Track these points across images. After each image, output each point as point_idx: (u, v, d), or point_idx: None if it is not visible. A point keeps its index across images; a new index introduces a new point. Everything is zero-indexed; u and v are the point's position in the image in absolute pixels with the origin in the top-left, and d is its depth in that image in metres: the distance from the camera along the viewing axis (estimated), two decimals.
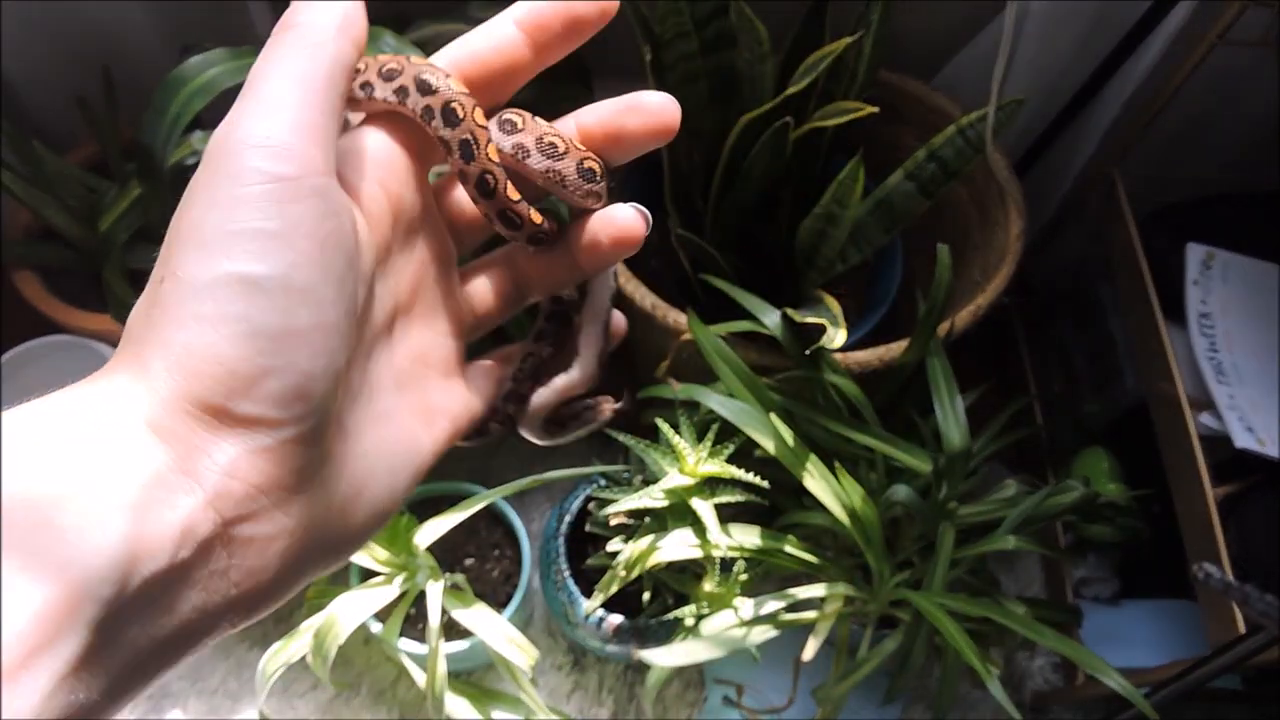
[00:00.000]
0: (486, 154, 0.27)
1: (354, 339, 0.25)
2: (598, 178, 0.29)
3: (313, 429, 0.23)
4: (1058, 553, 0.99)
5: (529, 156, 0.28)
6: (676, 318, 0.88)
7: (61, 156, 1.06)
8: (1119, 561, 1.11)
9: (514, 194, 0.28)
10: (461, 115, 0.27)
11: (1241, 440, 0.88)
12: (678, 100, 0.29)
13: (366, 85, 0.27)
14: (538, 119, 0.29)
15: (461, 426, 0.31)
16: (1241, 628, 0.79)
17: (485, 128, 0.27)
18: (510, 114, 0.29)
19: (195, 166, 0.24)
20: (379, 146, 0.28)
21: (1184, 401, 0.90)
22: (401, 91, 0.27)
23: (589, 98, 0.30)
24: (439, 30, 0.94)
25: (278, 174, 0.23)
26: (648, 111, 0.29)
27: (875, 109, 0.84)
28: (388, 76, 0.27)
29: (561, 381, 0.32)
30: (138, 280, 1.04)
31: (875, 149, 1.05)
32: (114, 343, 1.07)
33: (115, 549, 0.20)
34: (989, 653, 0.86)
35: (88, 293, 1.07)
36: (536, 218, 0.28)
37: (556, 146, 0.28)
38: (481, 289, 0.32)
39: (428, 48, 0.89)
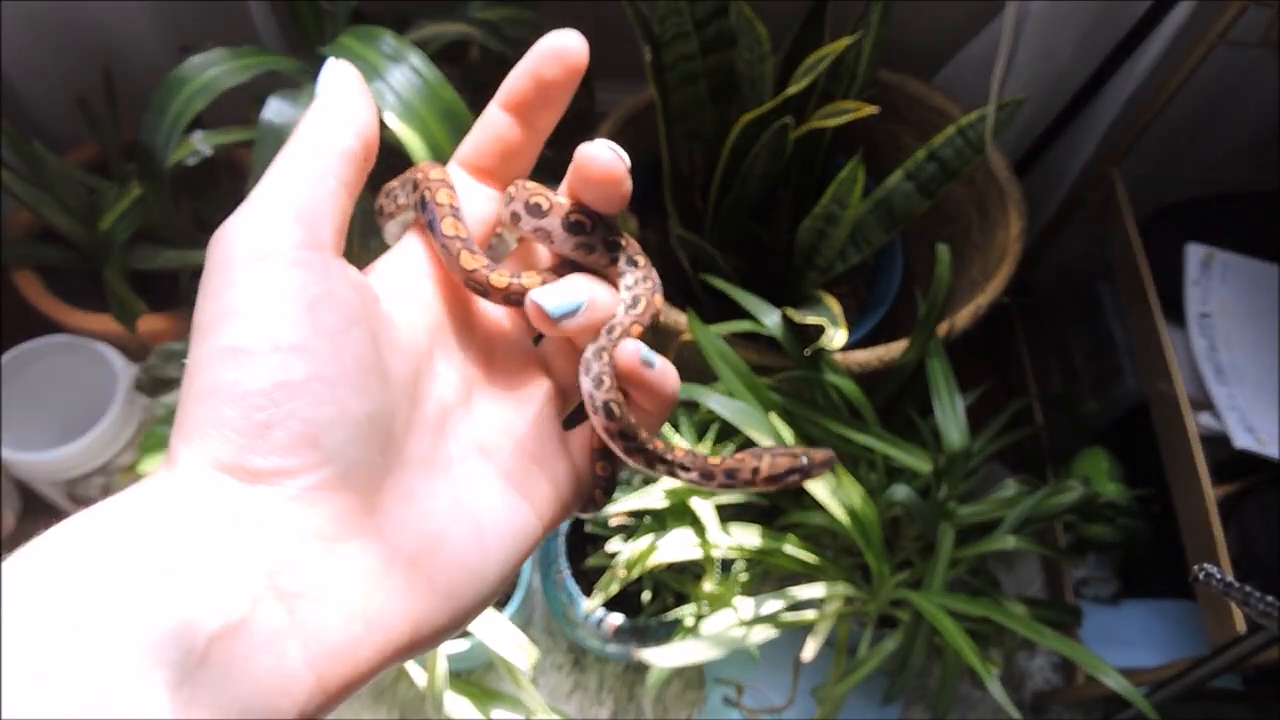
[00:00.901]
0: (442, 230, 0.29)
1: (379, 391, 0.26)
2: (586, 229, 0.30)
3: (339, 475, 0.24)
4: (1058, 553, 0.99)
5: (520, 220, 0.30)
6: (676, 318, 0.88)
7: (61, 156, 1.06)
8: (1119, 561, 1.11)
9: (469, 264, 0.29)
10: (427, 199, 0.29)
11: (1241, 440, 0.88)
12: (678, 100, 0.29)
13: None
14: (528, 183, 0.30)
15: (566, 495, 0.31)
16: (1241, 628, 0.79)
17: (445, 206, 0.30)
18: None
19: (195, 166, 0.26)
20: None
21: (1184, 401, 0.90)
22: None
23: (589, 97, 0.30)
24: (439, 30, 0.94)
25: (257, 254, 0.25)
26: (556, 54, 0.31)
27: (875, 109, 0.84)
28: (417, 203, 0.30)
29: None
30: (138, 280, 1.05)
31: (875, 149, 1.05)
32: (114, 343, 1.07)
33: (170, 613, 0.21)
34: (989, 653, 0.86)
35: (88, 293, 1.07)
36: (499, 282, 0.29)
37: (540, 206, 0.29)
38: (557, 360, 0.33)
39: (428, 48, 0.89)
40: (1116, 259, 1.05)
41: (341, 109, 0.28)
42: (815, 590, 0.83)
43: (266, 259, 0.25)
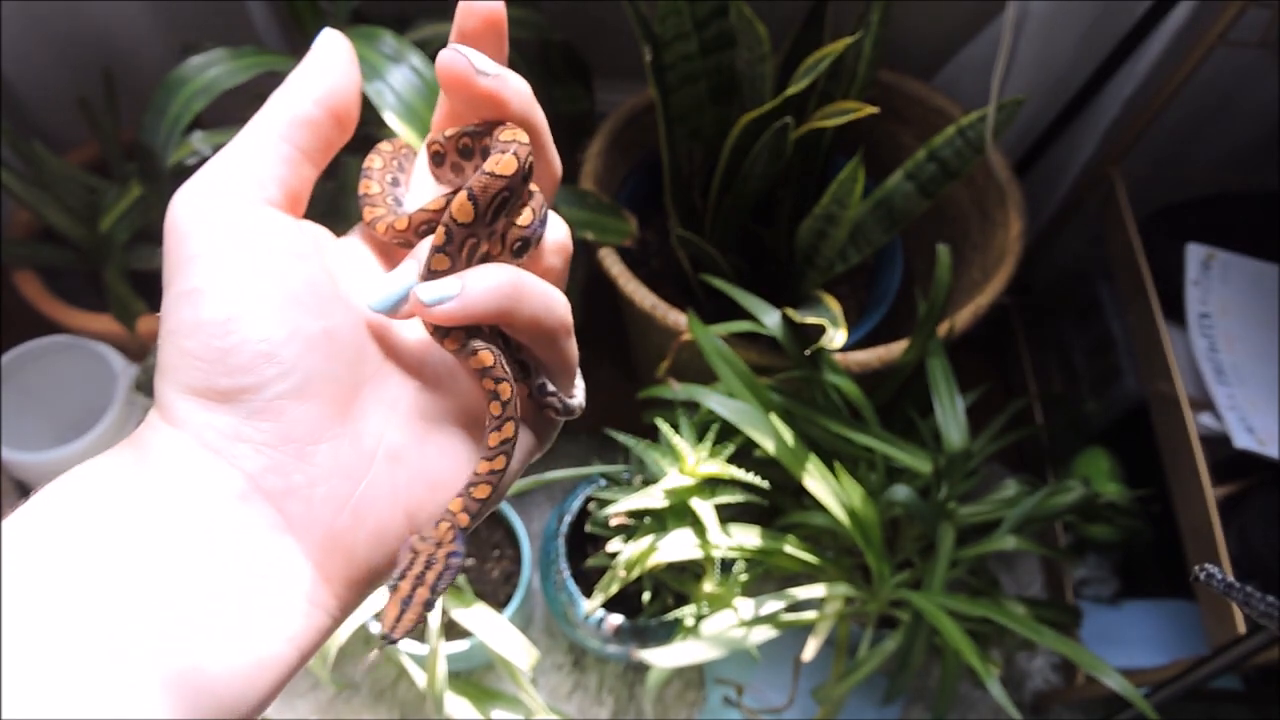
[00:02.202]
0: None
1: (336, 310, 0.28)
2: (442, 159, 0.31)
3: (300, 386, 0.27)
4: (1058, 553, 0.99)
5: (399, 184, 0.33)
6: (676, 318, 0.88)
7: (61, 156, 1.06)
8: (1119, 561, 1.11)
9: (366, 216, 0.31)
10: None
11: (1241, 440, 0.88)
12: (678, 100, 0.29)
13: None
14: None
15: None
16: (1241, 628, 0.79)
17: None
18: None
19: (195, 166, 0.28)
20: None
21: (1184, 401, 0.90)
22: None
23: (589, 97, 0.30)
24: (439, 30, 0.94)
25: (208, 208, 0.27)
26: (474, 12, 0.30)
27: (875, 109, 0.84)
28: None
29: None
30: (138, 280, 1.05)
31: (875, 149, 1.05)
32: (114, 343, 1.07)
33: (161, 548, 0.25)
34: (989, 653, 0.86)
35: (88, 293, 1.07)
36: (399, 224, 0.30)
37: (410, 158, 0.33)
38: None
39: (427, 48, 0.89)
40: (1116, 259, 1.05)
41: (309, 77, 0.29)
42: (815, 590, 0.83)
43: (216, 211, 0.27)
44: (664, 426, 0.82)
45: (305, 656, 0.26)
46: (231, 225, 0.27)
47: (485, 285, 0.27)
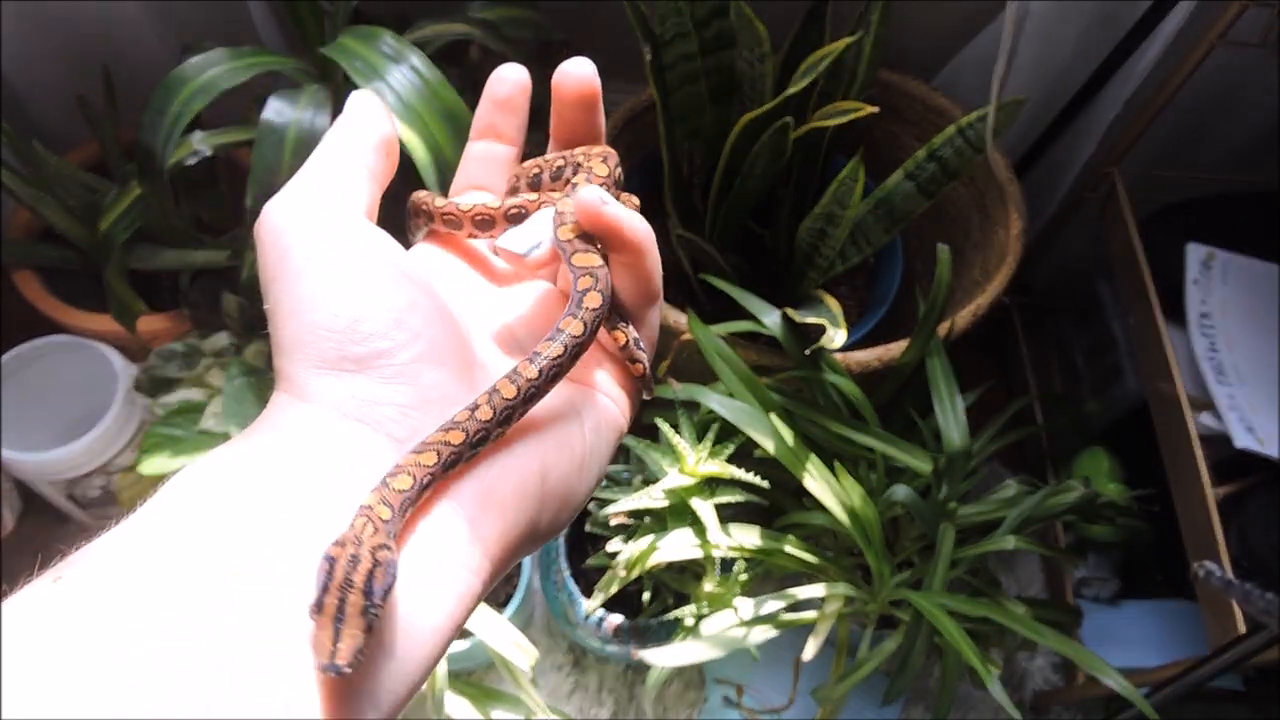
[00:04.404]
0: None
1: (441, 300, 0.30)
2: (525, 217, 0.35)
3: (430, 350, 0.28)
4: (1058, 553, 0.99)
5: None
6: (676, 318, 0.88)
7: (61, 156, 1.06)
8: (1119, 561, 1.11)
9: (439, 202, 0.36)
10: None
11: (1242, 440, 0.88)
12: (678, 100, 0.32)
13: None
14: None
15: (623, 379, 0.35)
16: (1241, 628, 0.79)
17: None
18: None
19: (195, 166, 0.29)
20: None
21: (1184, 401, 0.90)
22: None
23: None
24: (439, 30, 0.94)
25: (300, 211, 0.29)
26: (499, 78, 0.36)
27: (875, 109, 0.84)
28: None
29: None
30: (138, 280, 1.05)
31: (875, 149, 1.05)
32: (114, 343, 1.07)
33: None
34: (989, 653, 0.86)
35: (88, 293, 1.07)
36: (464, 206, 0.35)
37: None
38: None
39: (427, 48, 0.89)
40: (1116, 259, 1.05)
41: (365, 116, 0.33)
42: (815, 590, 0.83)
43: (315, 211, 0.29)
44: (664, 426, 0.82)
45: (457, 628, 0.26)
46: (334, 222, 0.29)
47: (639, 218, 0.32)
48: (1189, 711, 1.02)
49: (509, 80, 0.35)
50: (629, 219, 0.31)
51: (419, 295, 0.29)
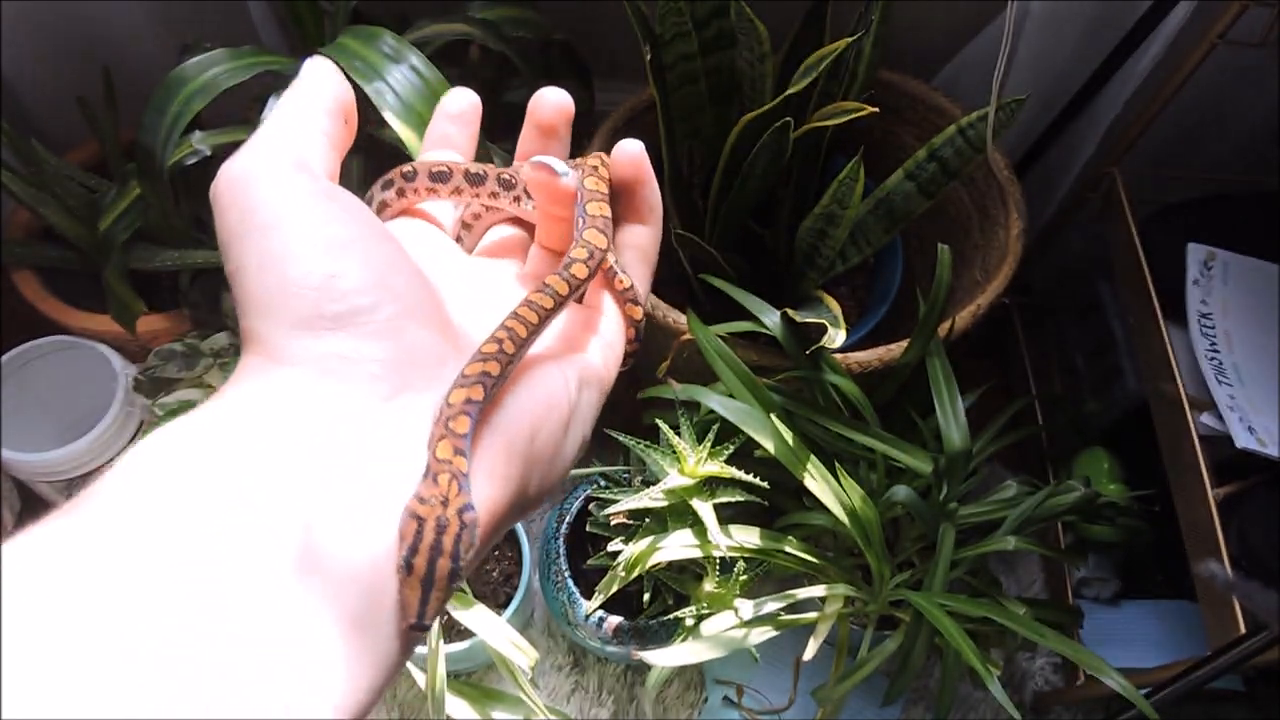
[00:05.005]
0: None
1: (415, 262, 0.29)
2: (515, 184, 0.36)
3: (412, 309, 0.27)
4: (1058, 553, 0.99)
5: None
6: (676, 318, 0.88)
7: (61, 156, 1.06)
8: (1119, 561, 1.11)
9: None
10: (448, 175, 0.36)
11: (1242, 440, 0.88)
12: (678, 100, 0.32)
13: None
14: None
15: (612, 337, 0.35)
16: (1242, 628, 0.78)
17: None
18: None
19: (195, 166, 0.28)
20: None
21: (1184, 401, 0.90)
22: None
23: (589, 97, 0.32)
24: (439, 30, 0.94)
25: (270, 180, 0.28)
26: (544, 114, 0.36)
27: (875, 109, 0.84)
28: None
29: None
30: (137, 280, 1.05)
31: (875, 149, 1.05)
32: (114, 343, 1.07)
33: (288, 502, 0.23)
34: (989, 653, 0.86)
35: (88, 293, 1.07)
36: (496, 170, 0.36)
37: (480, 175, 0.36)
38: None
39: (427, 48, 0.89)
40: (1117, 259, 1.05)
41: (321, 80, 0.32)
42: (815, 591, 0.83)
43: (279, 168, 0.28)
44: (664, 427, 0.82)
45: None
46: (301, 178, 0.28)
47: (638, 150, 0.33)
48: (1189, 712, 1.02)
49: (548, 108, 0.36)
50: (651, 173, 0.34)
51: (397, 254, 0.28)
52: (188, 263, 1.01)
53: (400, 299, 0.27)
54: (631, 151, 0.34)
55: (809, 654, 0.82)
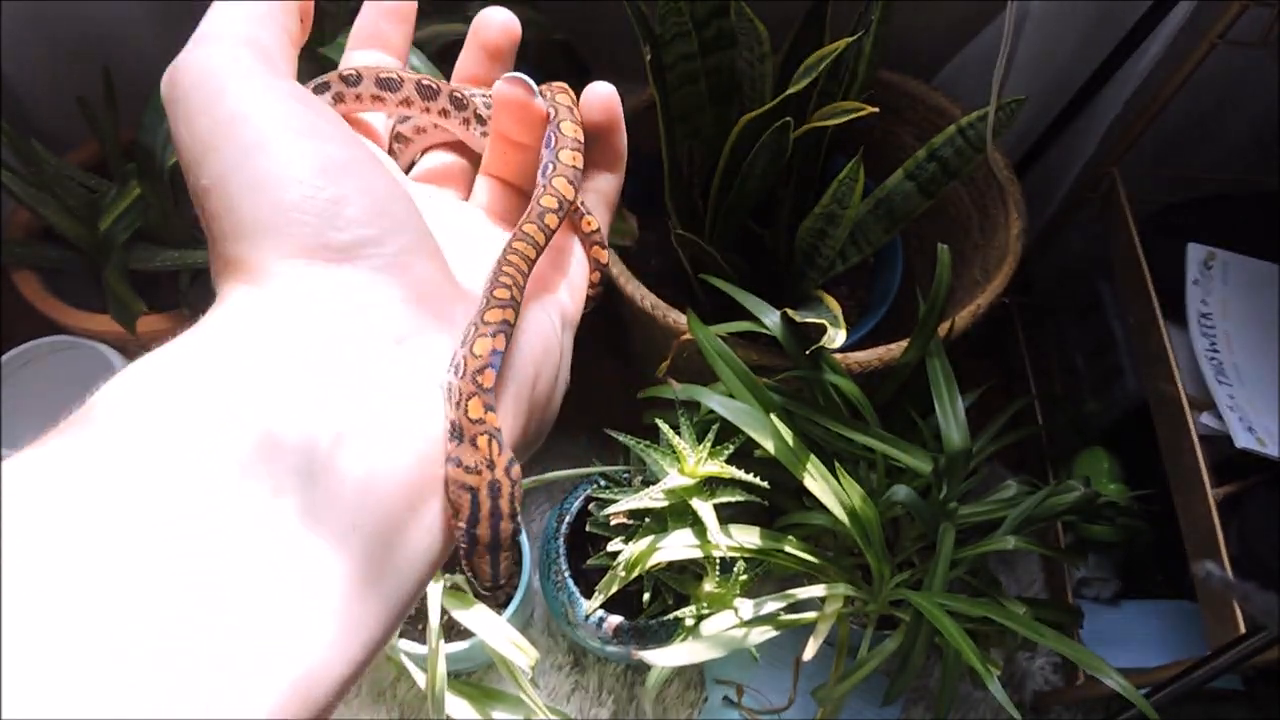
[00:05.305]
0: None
1: (403, 180, 0.28)
2: (467, 104, 0.33)
3: (418, 241, 0.25)
4: (1058, 553, 0.99)
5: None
6: (676, 318, 0.88)
7: (61, 156, 1.06)
8: (1119, 561, 1.11)
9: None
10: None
11: (1242, 440, 0.88)
12: (678, 100, 0.32)
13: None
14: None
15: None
16: (1242, 628, 0.78)
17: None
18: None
19: None
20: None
21: (1184, 401, 0.90)
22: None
23: None
24: (439, 30, 0.94)
25: (232, 73, 0.25)
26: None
27: (875, 109, 0.84)
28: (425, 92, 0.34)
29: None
30: (138, 280, 1.04)
31: (875, 149, 1.05)
32: (114, 343, 1.07)
33: (268, 423, 0.21)
34: (989, 653, 0.86)
35: (88, 293, 1.07)
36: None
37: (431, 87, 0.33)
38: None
39: (427, 48, 0.89)
40: (1117, 259, 1.05)
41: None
42: (815, 591, 0.83)
43: (256, 83, 0.25)
44: (664, 427, 0.82)
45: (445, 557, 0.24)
46: (283, 84, 0.25)
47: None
48: (1189, 712, 1.02)
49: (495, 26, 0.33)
50: (622, 119, 0.32)
51: (391, 179, 0.25)
52: (188, 263, 1.01)
53: (405, 230, 0.24)
54: (604, 94, 0.32)
55: (809, 654, 0.82)
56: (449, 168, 0.35)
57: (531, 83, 0.30)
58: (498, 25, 0.32)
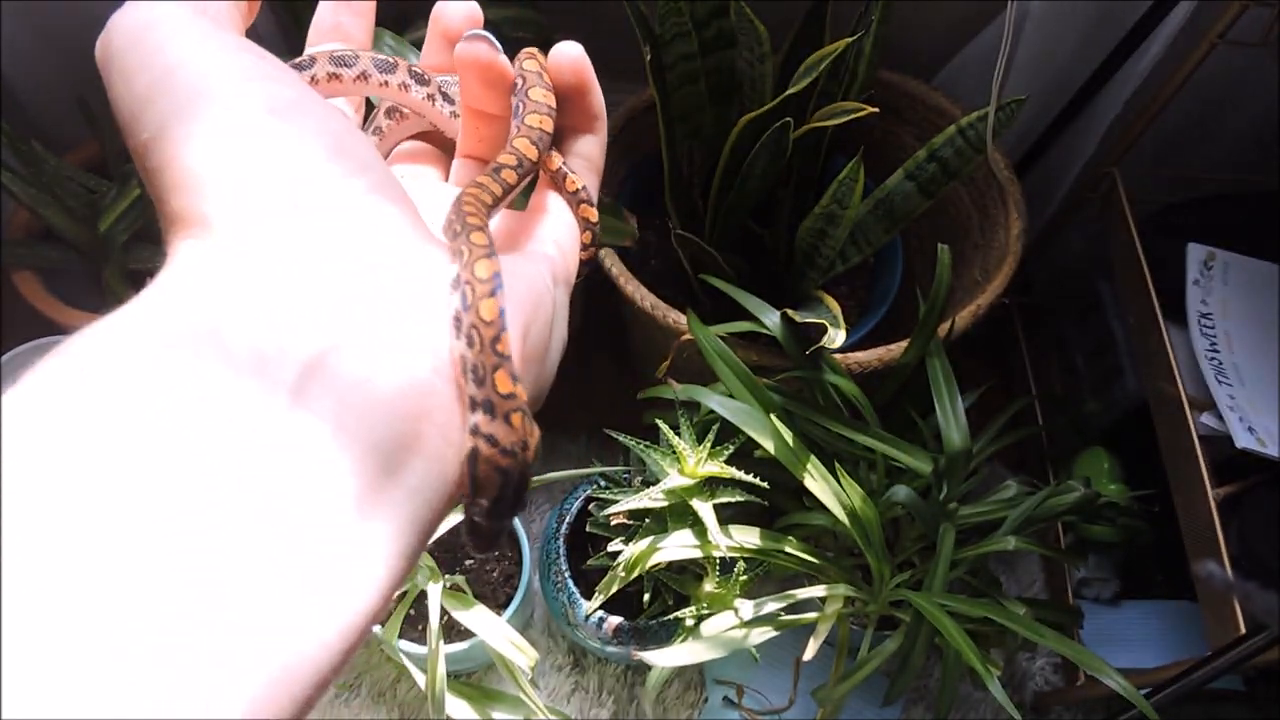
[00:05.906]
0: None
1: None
2: (429, 80, 0.33)
3: (380, 182, 0.24)
4: (1058, 553, 0.99)
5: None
6: (676, 318, 0.88)
7: (61, 157, 1.06)
8: (1119, 562, 1.11)
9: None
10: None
11: (1243, 440, 0.88)
12: (678, 100, 0.30)
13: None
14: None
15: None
16: (1242, 628, 0.78)
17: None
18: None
19: None
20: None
21: (1184, 401, 0.90)
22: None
23: None
24: None
25: (175, 24, 0.25)
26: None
27: (875, 109, 0.84)
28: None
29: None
30: (138, 280, 1.04)
31: (875, 149, 1.05)
32: None
33: (275, 336, 0.20)
34: (989, 653, 0.86)
35: (88, 293, 1.07)
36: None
37: (390, 62, 0.33)
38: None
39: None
40: (1117, 259, 1.05)
41: None
42: (815, 591, 0.83)
43: (199, 33, 0.23)
44: (664, 427, 0.82)
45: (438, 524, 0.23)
46: (226, 36, 0.24)
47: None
48: (1189, 712, 1.02)
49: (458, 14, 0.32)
50: (594, 78, 0.31)
51: (346, 120, 0.24)
52: None
53: (369, 169, 0.23)
54: (572, 54, 0.30)
55: (809, 654, 0.82)
56: (424, 152, 0.35)
57: (494, 39, 0.29)
58: (461, 14, 0.31)
